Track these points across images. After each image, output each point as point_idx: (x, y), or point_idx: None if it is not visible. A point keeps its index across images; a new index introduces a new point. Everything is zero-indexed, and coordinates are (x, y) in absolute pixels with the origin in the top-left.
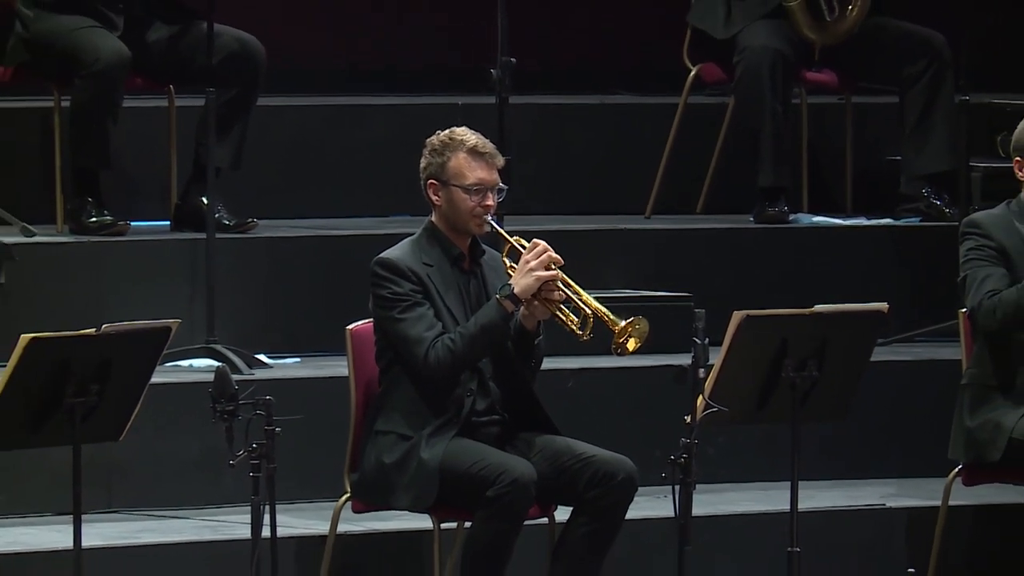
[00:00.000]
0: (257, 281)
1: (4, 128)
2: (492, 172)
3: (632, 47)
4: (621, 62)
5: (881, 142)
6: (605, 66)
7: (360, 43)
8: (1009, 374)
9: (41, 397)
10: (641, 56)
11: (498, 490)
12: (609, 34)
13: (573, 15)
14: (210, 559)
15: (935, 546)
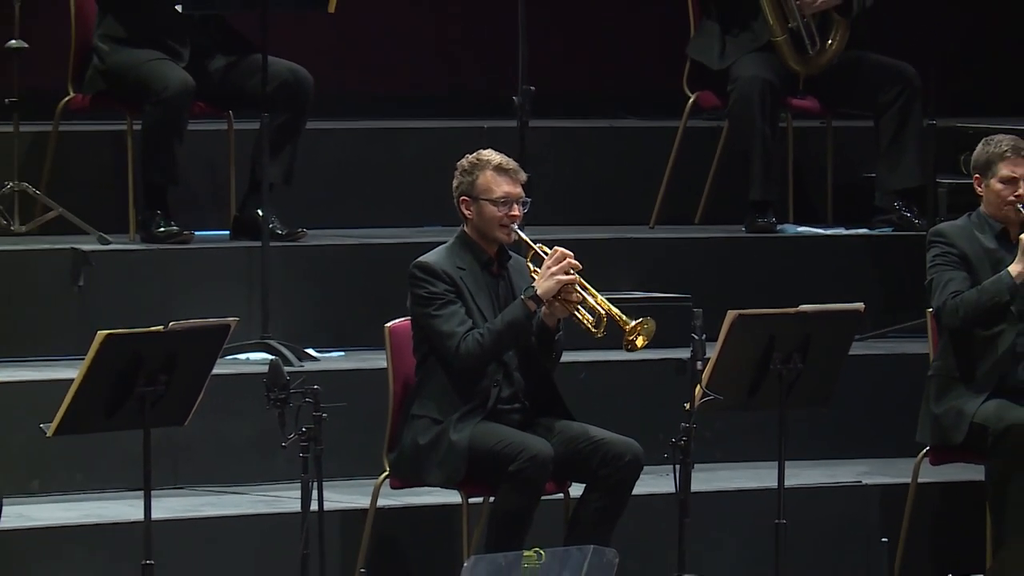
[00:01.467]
0: (306, 284)
1: (83, 149)
2: (516, 186)
3: (637, 77)
4: (628, 90)
5: (858, 161)
6: (614, 93)
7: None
8: (970, 366)
9: (115, 386)
10: (645, 85)
11: (519, 465)
12: (617, 65)
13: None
14: (264, 530)
15: (905, 519)
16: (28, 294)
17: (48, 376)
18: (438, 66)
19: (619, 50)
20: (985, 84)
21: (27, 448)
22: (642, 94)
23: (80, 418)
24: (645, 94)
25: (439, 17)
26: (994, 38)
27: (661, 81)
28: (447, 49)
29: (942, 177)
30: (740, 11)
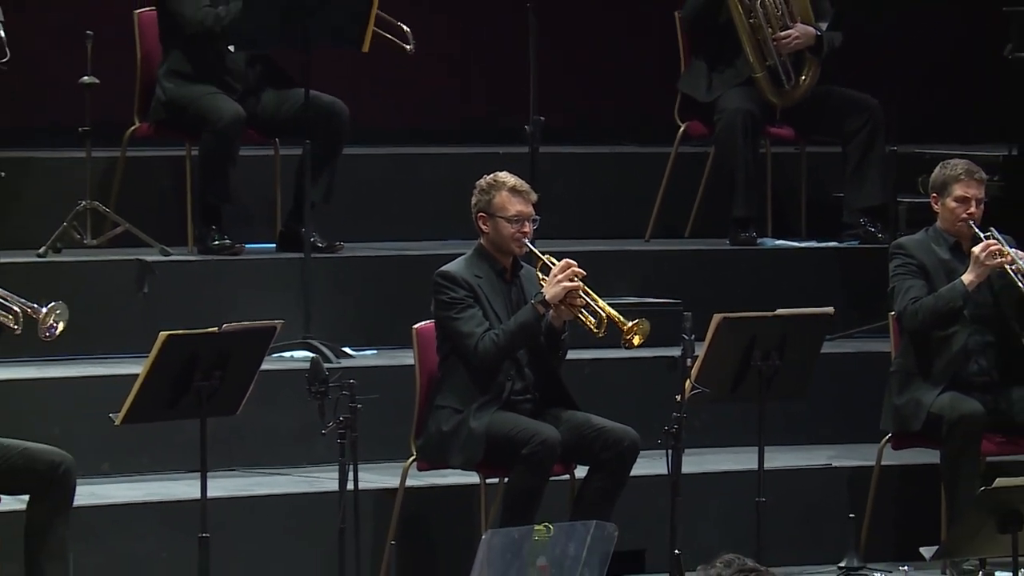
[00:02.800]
0: (343, 290)
1: (147, 172)
2: (527, 206)
3: (634, 108)
4: (626, 120)
5: (828, 182)
6: (613, 123)
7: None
8: (927, 363)
9: (175, 381)
10: (641, 115)
11: (531, 449)
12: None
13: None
14: (306, 507)
15: (870, 497)
16: (99, 299)
17: (116, 372)
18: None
19: (618, 84)
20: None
21: (98, 435)
22: (638, 123)
23: (144, 408)
24: (641, 123)
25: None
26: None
27: (655, 112)
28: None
29: (902, 196)
30: (724, 50)
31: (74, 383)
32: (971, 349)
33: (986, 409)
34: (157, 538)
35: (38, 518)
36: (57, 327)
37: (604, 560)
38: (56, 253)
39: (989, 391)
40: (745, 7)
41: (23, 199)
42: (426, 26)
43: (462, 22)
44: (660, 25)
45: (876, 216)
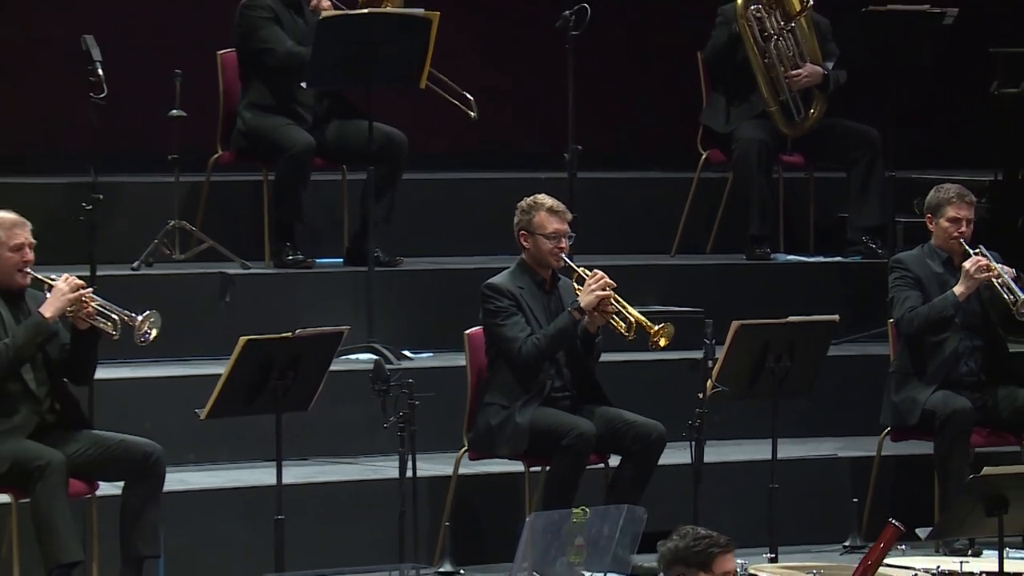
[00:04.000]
0: (402, 299)
1: (228, 194)
2: (564, 224)
3: (661, 138)
4: (654, 149)
5: (833, 204)
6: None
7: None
8: (922, 364)
9: (253, 380)
10: (667, 144)
11: (569, 440)
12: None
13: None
14: (369, 493)
15: (871, 483)
16: (186, 308)
17: (201, 372)
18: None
19: (646, 117)
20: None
21: (185, 428)
22: (664, 152)
23: (226, 405)
24: (667, 152)
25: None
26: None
27: (679, 142)
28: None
29: (900, 217)
30: (741, 87)
31: (164, 382)
32: (961, 353)
33: (974, 406)
34: (237, 520)
35: (132, 502)
36: (151, 334)
37: (635, 540)
38: (149, 267)
39: (977, 390)
40: (760, 48)
41: (120, 219)
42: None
43: (509, 60)
44: (684, 64)
45: (876, 234)
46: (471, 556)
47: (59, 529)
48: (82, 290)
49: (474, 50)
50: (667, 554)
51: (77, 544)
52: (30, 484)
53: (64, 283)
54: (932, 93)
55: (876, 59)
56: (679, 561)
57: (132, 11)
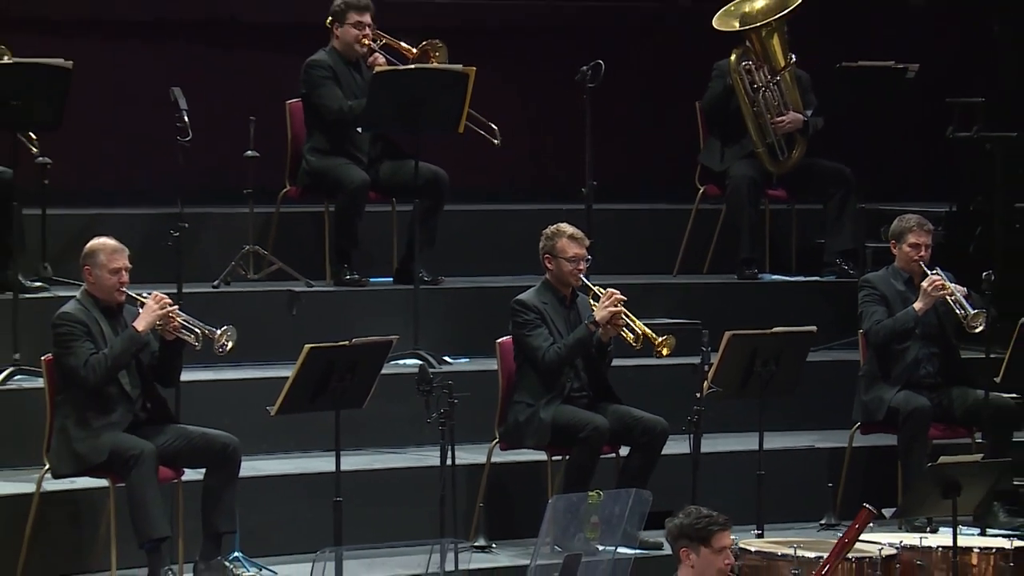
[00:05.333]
0: (443, 313)
1: (295, 223)
2: (582, 249)
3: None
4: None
5: (812, 232)
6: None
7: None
8: (887, 369)
9: (316, 382)
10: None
11: (586, 434)
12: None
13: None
14: (414, 478)
15: (844, 470)
16: (258, 319)
17: (272, 374)
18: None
19: (652, 157)
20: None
21: (257, 423)
22: (668, 187)
23: (293, 403)
24: (670, 187)
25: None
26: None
27: (680, 178)
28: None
29: (869, 242)
30: (733, 131)
31: (240, 384)
32: (920, 358)
33: (932, 404)
34: (301, 502)
35: (213, 486)
36: (228, 345)
37: (642, 518)
38: (227, 285)
39: (934, 391)
40: (750, 98)
41: (202, 244)
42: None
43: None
44: (684, 111)
45: (849, 257)
46: (502, 532)
47: (150, 509)
48: (169, 307)
49: (505, 100)
50: (673, 530)
51: (165, 522)
52: (125, 471)
53: (154, 301)
54: (896, 137)
55: (849, 108)
56: (683, 536)
57: (213, 65)
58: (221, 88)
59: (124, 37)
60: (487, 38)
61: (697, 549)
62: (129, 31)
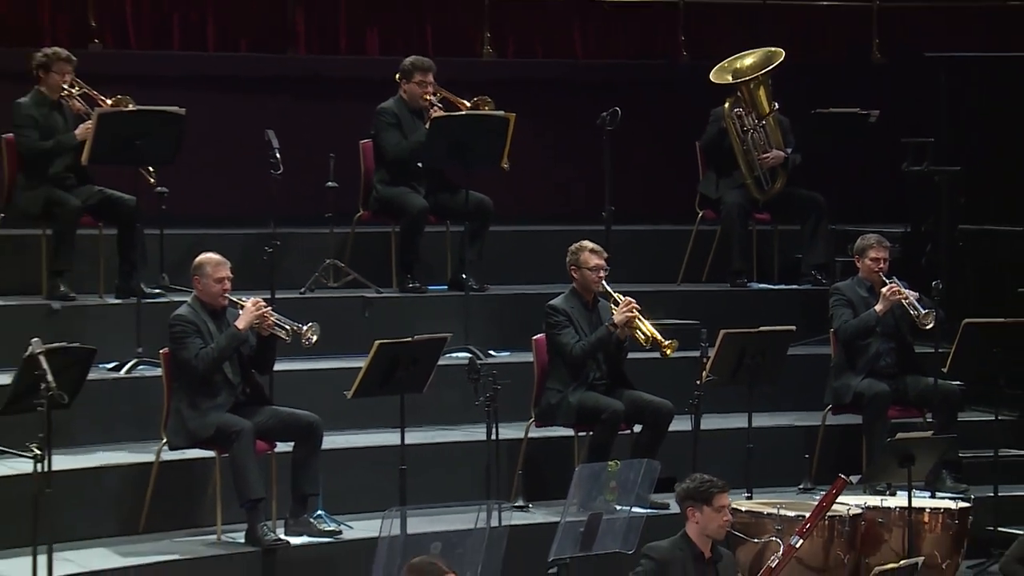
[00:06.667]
0: (489, 315)
1: (367, 242)
2: (602, 260)
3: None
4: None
5: (792, 248)
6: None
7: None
8: (853, 360)
9: (385, 370)
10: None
11: (606, 415)
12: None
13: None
14: (466, 450)
15: (818, 444)
16: (337, 320)
17: (348, 365)
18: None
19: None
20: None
21: (337, 404)
22: (673, 211)
23: (366, 387)
24: (675, 211)
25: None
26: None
27: (683, 204)
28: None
29: (838, 257)
30: (726, 166)
31: (323, 372)
32: (881, 352)
33: (890, 390)
34: (373, 469)
35: (300, 456)
36: (313, 339)
37: (652, 484)
38: (311, 292)
39: (892, 378)
40: (740, 138)
41: (290, 258)
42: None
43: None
44: (687, 148)
45: (822, 270)
46: (537, 495)
47: (249, 475)
48: (264, 308)
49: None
50: (681, 493)
51: (261, 486)
52: (228, 444)
53: (252, 304)
54: (860, 170)
55: (821, 146)
56: (689, 497)
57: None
58: (307, 130)
59: (228, 90)
60: (525, 90)
61: (701, 508)
62: (233, 85)
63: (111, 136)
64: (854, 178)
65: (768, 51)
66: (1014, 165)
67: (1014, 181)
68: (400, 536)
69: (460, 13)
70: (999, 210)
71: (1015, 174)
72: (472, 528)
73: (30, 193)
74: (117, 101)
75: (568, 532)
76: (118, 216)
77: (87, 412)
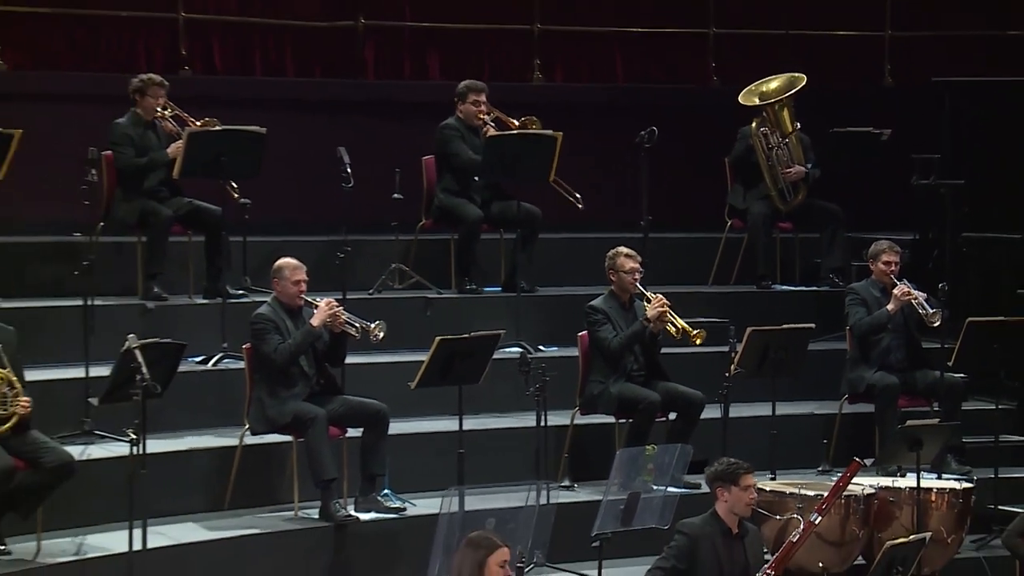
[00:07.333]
0: (538, 313)
1: (429, 248)
2: (636, 264)
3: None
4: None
5: (811, 254)
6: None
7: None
8: (867, 355)
9: (444, 363)
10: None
11: (643, 404)
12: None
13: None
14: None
15: (835, 430)
16: (401, 318)
17: (412, 359)
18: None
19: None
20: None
21: (401, 394)
22: (704, 220)
23: (428, 379)
24: (706, 220)
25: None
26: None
27: (714, 213)
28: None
29: (854, 261)
30: (753, 179)
31: (389, 365)
32: (892, 347)
33: (900, 382)
34: (434, 452)
35: (368, 441)
36: (380, 335)
37: (685, 466)
38: (379, 293)
39: (902, 371)
40: (766, 154)
41: (359, 263)
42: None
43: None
44: (717, 164)
45: (839, 273)
46: (582, 475)
47: (323, 457)
48: (336, 308)
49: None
50: (710, 475)
51: (334, 467)
52: (304, 429)
53: (325, 304)
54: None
55: (839, 162)
56: (718, 479)
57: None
58: (375, 148)
59: (304, 112)
60: (571, 112)
61: (729, 488)
62: (309, 107)
63: (199, 153)
64: (868, 190)
65: (791, 76)
66: (1012, 179)
67: (1012, 193)
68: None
69: (513, 43)
70: (999, 219)
71: (1013, 187)
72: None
73: (127, 205)
74: (205, 122)
75: (610, 509)
76: (205, 225)
77: (177, 401)
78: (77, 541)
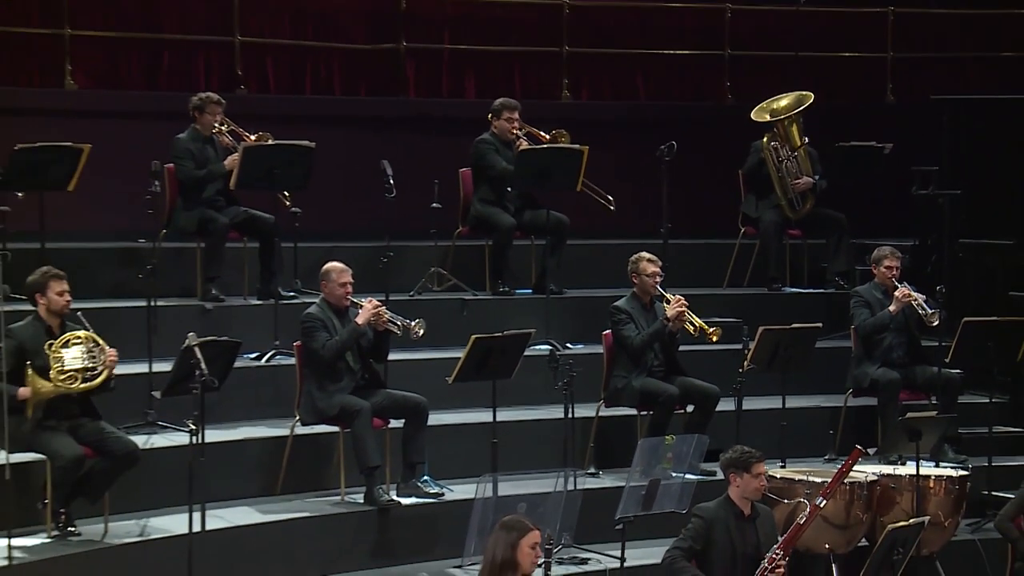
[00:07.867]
0: (566, 313)
1: (465, 253)
2: (657, 268)
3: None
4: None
5: (819, 259)
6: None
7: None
8: (870, 352)
9: (479, 360)
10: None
11: (663, 398)
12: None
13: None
14: (547, 426)
15: (841, 421)
16: (440, 318)
17: (449, 355)
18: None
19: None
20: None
21: (440, 388)
22: (720, 227)
23: (464, 374)
24: (721, 227)
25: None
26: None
27: (728, 221)
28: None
29: (858, 266)
30: (764, 189)
31: (428, 361)
32: (894, 345)
33: (901, 377)
34: (470, 442)
35: (408, 432)
36: (420, 333)
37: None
38: (419, 294)
39: (903, 367)
40: (776, 167)
41: (402, 267)
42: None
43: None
44: (731, 175)
45: (844, 276)
46: (606, 463)
47: (367, 446)
48: (379, 308)
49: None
50: (724, 462)
51: (377, 455)
52: (350, 421)
53: (369, 304)
54: (876, 193)
55: (844, 173)
56: (731, 466)
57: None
58: (415, 161)
59: (351, 127)
60: (597, 127)
61: (741, 475)
62: (355, 123)
63: (254, 166)
64: (871, 200)
65: (800, 94)
66: (1006, 189)
67: (1006, 202)
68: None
69: (543, 64)
70: (993, 226)
71: (1007, 196)
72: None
73: (187, 213)
74: (259, 137)
75: (632, 494)
76: (259, 232)
77: (233, 394)
78: (141, 523)
